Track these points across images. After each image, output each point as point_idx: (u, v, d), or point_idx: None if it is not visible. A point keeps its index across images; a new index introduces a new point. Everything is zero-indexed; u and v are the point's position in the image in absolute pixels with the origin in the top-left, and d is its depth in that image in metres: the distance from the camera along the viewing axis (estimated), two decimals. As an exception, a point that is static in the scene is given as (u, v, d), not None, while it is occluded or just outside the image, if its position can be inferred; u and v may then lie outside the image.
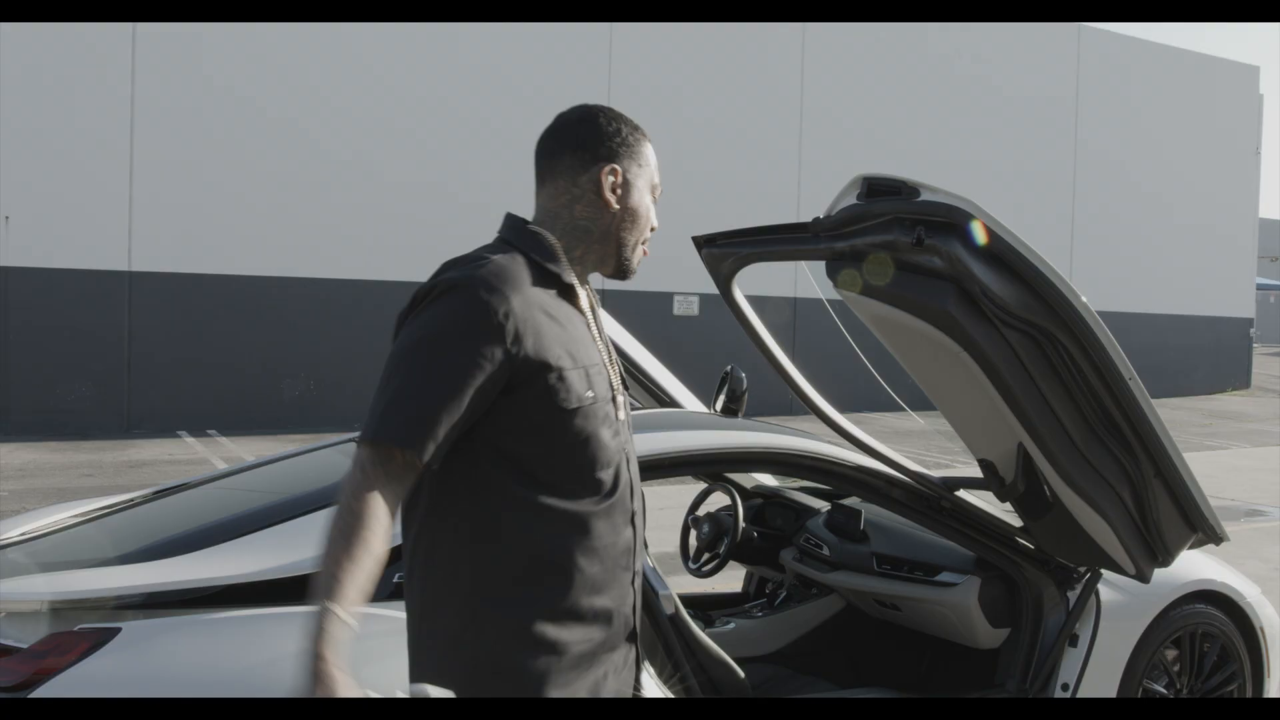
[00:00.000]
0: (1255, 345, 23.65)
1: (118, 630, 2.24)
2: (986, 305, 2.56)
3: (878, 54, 17.45)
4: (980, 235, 2.50)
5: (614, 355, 1.92)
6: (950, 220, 2.51)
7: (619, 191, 1.84)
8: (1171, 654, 3.60)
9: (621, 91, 15.44)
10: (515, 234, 1.85)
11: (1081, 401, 2.77)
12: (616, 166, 1.84)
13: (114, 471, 10.04)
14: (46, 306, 12.39)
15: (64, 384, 12.49)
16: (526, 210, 2.00)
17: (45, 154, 12.30)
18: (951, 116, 18.02)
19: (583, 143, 1.84)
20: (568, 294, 1.81)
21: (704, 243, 3.21)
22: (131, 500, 3.30)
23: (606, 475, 1.78)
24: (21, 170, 12.18)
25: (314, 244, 13.61)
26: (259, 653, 2.30)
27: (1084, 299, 2.60)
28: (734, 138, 16.15)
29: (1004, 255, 2.53)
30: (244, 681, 2.25)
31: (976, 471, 3.20)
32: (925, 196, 2.54)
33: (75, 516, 3.14)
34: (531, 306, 1.70)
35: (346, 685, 1.51)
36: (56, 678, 2.17)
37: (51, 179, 12.33)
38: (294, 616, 2.38)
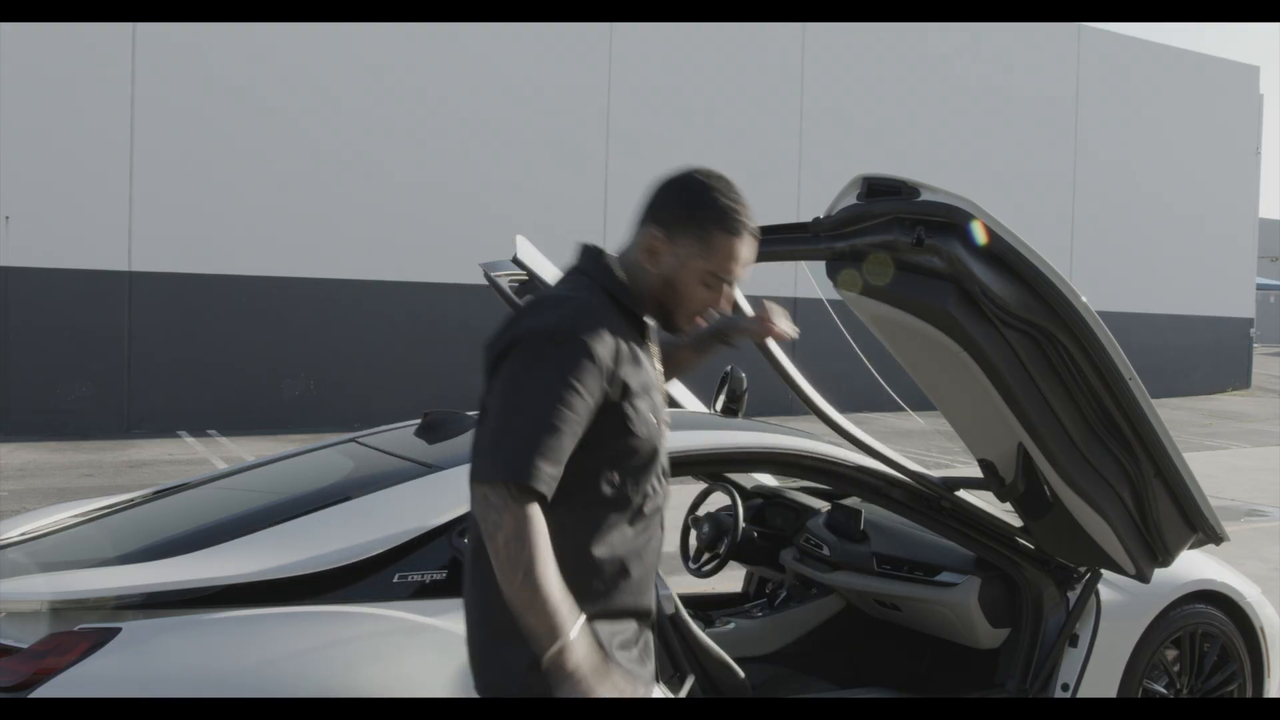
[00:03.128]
0: (1255, 345, 23.64)
1: (118, 630, 2.24)
2: (986, 305, 2.56)
3: (878, 54, 17.45)
4: (980, 235, 2.50)
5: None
6: (950, 220, 2.51)
7: (660, 260, 1.90)
8: (1171, 654, 3.60)
9: (621, 91, 15.44)
10: (592, 265, 1.94)
11: (1081, 401, 2.77)
12: (658, 233, 1.89)
13: (114, 471, 10.04)
14: (46, 306, 12.39)
15: (64, 384, 12.49)
16: (519, 212, 2.07)
17: (45, 154, 12.30)
18: (951, 116, 18.02)
19: (655, 198, 1.92)
20: (638, 325, 1.94)
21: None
22: (131, 500, 3.29)
23: (659, 487, 1.97)
24: (21, 170, 12.18)
25: (314, 244, 13.61)
26: (259, 653, 2.30)
27: (1084, 299, 2.60)
28: (734, 138, 16.15)
29: (1004, 255, 2.53)
30: (244, 681, 2.25)
31: (976, 471, 3.20)
32: (925, 196, 2.54)
33: (75, 516, 3.14)
34: (617, 342, 1.83)
35: (617, 683, 1.72)
36: (56, 678, 2.16)
37: (51, 179, 12.33)
38: (294, 617, 2.38)
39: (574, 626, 1.69)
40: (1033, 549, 3.35)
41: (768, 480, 4.34)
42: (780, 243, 2.97)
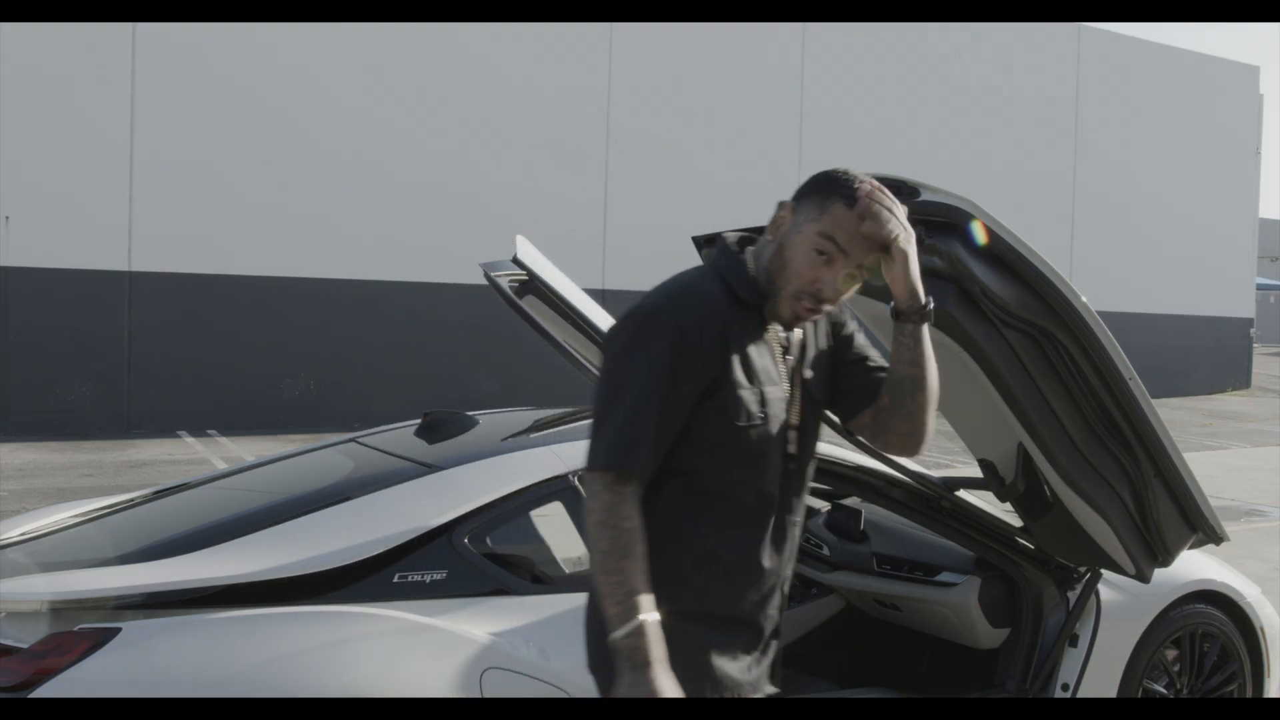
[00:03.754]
0: (1255, 345, 23.63)
1: (118, 630, 2.24)
2: (986, 305, 2.56)
3: (878, 54, 17.45)
4: (980, 235, 2.50)
5: (808, 388, 1.98)
6: (950, 220, 2.51)
7: (781, 228, 1.89)
8: (1171, 654, 3.60)
9: (621, 91, 15.44)
10: (721, 254, 1.96)
11: (1081, 401, 2.76)
12: (788, 203, 1.90)
13: (114, 471, 10.04)
14: (46, 306, 12.39)
15: (64, 384, 12.49)
16: (519, 212, 2.06)
17: (45, 154, 12.30)
18: (951, 116, 18.02)
19: (802, 184, 1.93)
20: (754, 314, 1.89)
21: (704, 242, 3.21)
22: (131, 500, 3.30)
23: (778, 493, 1.91)
24: (21, 170, 12.18)
25: (314, 244, 13.62)
26: (259, 653, 2.30)
27: (1084, 299, 2.60)
28: (734, 137, 16.15)
29: (1004, 255, 2.53)
30: (244, 681, 2.25)
31: (976, 471, 3.20)
32: (925, 196, 2.54)
33: (75, 516, 3.14)
34: (714, 324, 1.82)
35: (674, 687, 1.68)
36: (56, 678, 2.16)
37: (51, 179, 12.33)
38: (294, 616, 2.38)
39: (643, 617, 1.68)
40: (1033, 549, 3.35)
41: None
42: (780, 243, 2.96)
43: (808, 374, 1.98)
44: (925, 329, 1.97)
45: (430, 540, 2.56)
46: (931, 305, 1.96)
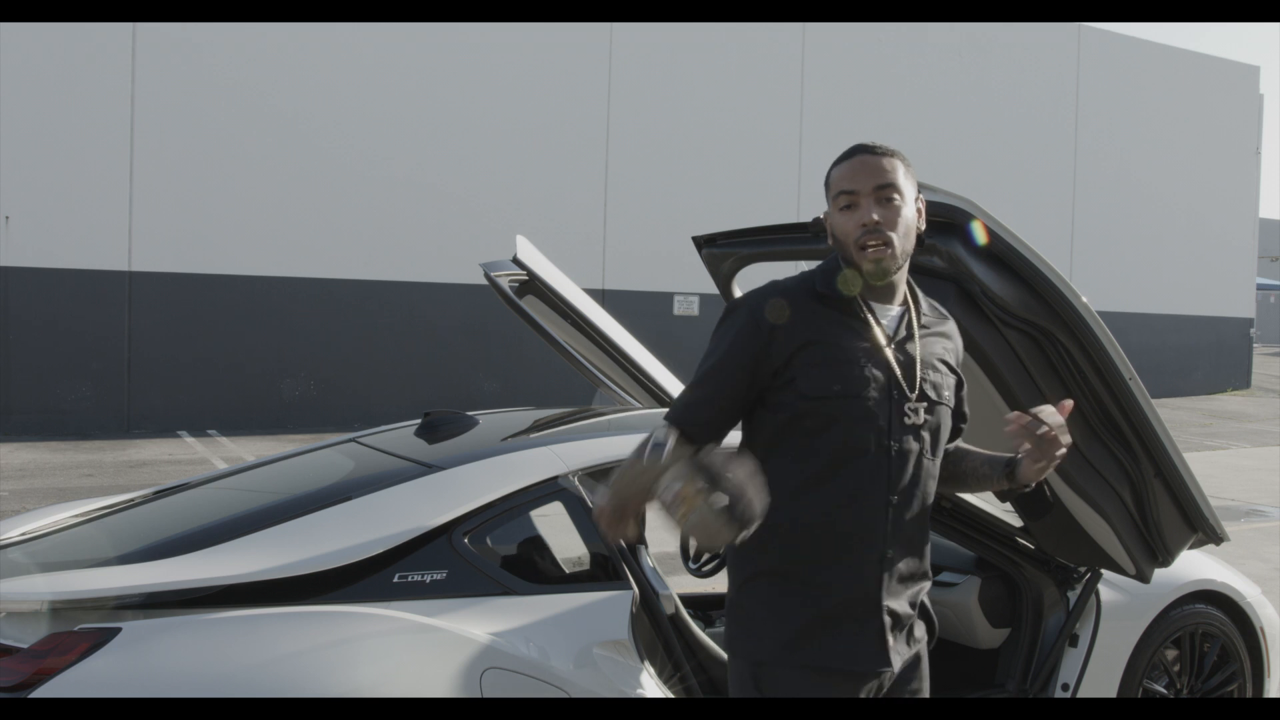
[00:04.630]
0: (1255, 345, 23.64)
1: (118, 630, 2.24)
2: (986, 305, 2.56)
3: (878, 54, 17.45)
4: (980, 235, 2.50)
5: (926, 377, 2.09)
6: (950, 220, 2.51)
7: (829, 226, 2.11)
8: (1171, 654, 3.60)
9: (621, 91, 15.44)
10: (826, 259, 2.16)
11: (1081, 401, 2.76)
12: (827, 212, 2.12)
13: (114, 471, 10.04)
14: (46, 306, 12.39)
15: (64, 384, 12.50)
16: (519, 212, 2.09)
17: (45, 154, 12.31)
18: (951, 116, 18.02)
19: None
20: (842, 306, 2.07)
21: (704, 243, 3.21)
22: (131, 500, 3.29)
23: (856, 464, 2.02)
24: (21, 170, 12.18)
25: (315, 244, 13.62)
26: (259, 653, 2.30)
27: (1084, 299, 2.60)
28: (734, 138, 16.15)
29: (1004, 255, 2.53)
30: (244, 681, 2.24)
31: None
32: (925, 196, 2.53)
33: (75, 516, 3.14)
34: (793, 312, 2.03)
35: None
36: (56, 678, 2.16)
37: (51, 179, 12.34)
38: (294, 617, 2.38)
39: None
40: (1033, 549, 3.35)
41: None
42: (780, 243, 2.96)
43: (932, 372, 2.11)
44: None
45: (430, 540, 2.55)
46: (1027, 491, 2.24)
